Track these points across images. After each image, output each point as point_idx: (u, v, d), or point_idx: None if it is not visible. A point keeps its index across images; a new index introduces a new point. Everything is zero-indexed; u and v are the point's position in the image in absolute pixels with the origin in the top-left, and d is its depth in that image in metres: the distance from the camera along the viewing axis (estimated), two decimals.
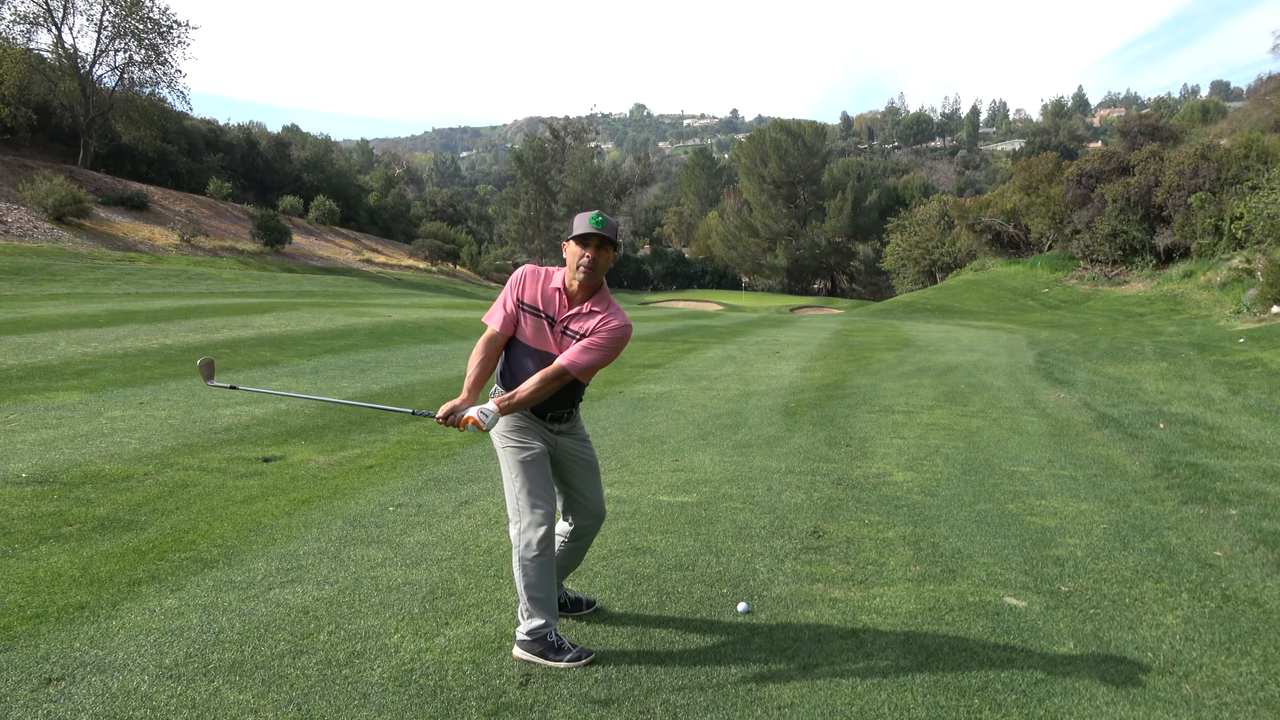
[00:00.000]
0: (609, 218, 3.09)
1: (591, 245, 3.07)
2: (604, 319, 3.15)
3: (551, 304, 3.17)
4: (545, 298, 3.18)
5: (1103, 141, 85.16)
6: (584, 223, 3.06)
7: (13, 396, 7.93)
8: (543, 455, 3.20)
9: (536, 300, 3.18)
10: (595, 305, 3.17)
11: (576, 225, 3.08)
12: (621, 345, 3.20)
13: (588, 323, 3.15)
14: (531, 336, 3.19)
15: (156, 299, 20.35)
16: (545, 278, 3.21)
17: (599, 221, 3.05)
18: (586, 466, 3.35)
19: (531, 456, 3.17)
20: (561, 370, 3.10)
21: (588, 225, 3.04)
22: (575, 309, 3.16)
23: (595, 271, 3.10)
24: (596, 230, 3.04)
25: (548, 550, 3.10)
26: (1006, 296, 36.51)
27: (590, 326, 3.15)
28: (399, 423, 7.40)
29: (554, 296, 3.17)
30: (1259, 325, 19.84)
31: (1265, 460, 6.50)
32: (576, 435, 3.36)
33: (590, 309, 3.16)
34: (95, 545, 4.19)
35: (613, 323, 3.15)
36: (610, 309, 3.18)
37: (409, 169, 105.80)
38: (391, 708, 2.78)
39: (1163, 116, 52.58)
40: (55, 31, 40.45)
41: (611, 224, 3.10)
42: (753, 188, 72.57)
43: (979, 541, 4.53)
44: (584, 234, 3.05)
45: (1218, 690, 2.99)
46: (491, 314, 3.24)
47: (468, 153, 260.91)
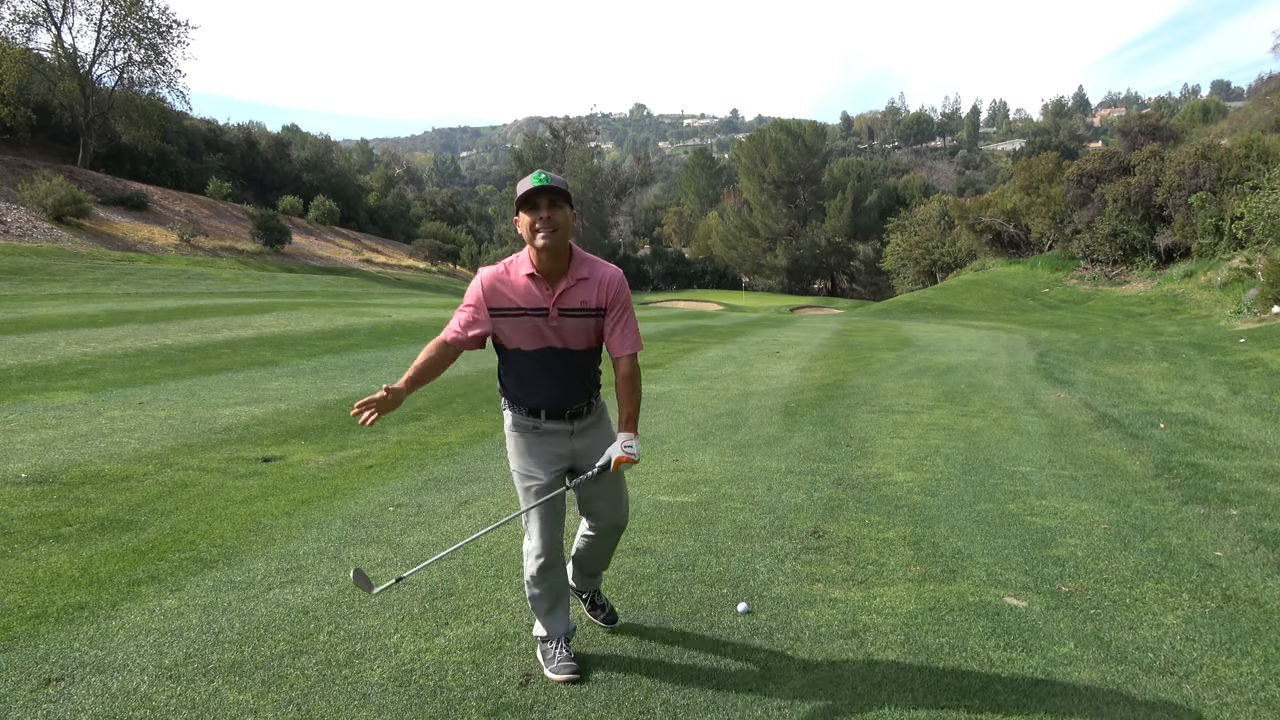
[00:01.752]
0: (553, 174, 2.72)
1: (543, 204, 2.71)
2: (601, 279, 2.87)
3: (532, 295, 2.82)
4: (521, 293, 2.83)
5: (1103, 141, 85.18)
6: (528, 183, 2.71)
7: (12, 396, 7.93)
8: (547, 487, 2.97)
9: (513, 300, 2.83)
10: (580, 271, 2.85)
11: (520, 189, 2.74)
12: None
13: (588, 292, 2.85)
14: (526, 337, 2.86)
15: (156, 299, 20.34)
16: (508, 271, 2.86)
17: (544, 179, 2.69)
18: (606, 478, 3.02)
19: (536, 488, 2.96)
20: (635, 360, 2.93)
21: (532, 184, 2.70)
22: (562, 286, 2.82)
23: (557, 231, 2.73)
24: (544, 185, 2.68)
25: (544, 584, 3.05)
26: (1007, 296, 36.50)
27: (595, 294, 2.86)
28: (399, 422, 7.40)
29: (530, 286, 2.82)
30: (1259, 325, 19.83)
31: (1266, 460, 6.49)
32: (602, 430, 3.06)
33: (577, 277, 2.84)
34: (95, 545, 4.19)
35: (612, 275, 2.89)
36: (595, 265, 2.89)
37: (409, 169, 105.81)
38: (391, 708, 2.77)
39: (1163, 116, 52.58)
40: (55, 31, 40.50)
41: (559, 180, 2.74)
42: (753, 188, 72.55)
43: (979, 541, 4.52)
44: (529, 194, 2.70)
45: (1218, 690, 2.98)
46: (451, 325, 2.90)
47: (468, 153, 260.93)
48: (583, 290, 2.85)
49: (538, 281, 2.81)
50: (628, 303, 2.93)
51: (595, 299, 2.86)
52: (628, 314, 2.92)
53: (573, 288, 2.84)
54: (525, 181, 2.73)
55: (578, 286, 2.84)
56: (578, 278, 2.84)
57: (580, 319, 2.85)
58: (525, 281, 2.83)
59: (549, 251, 2.75)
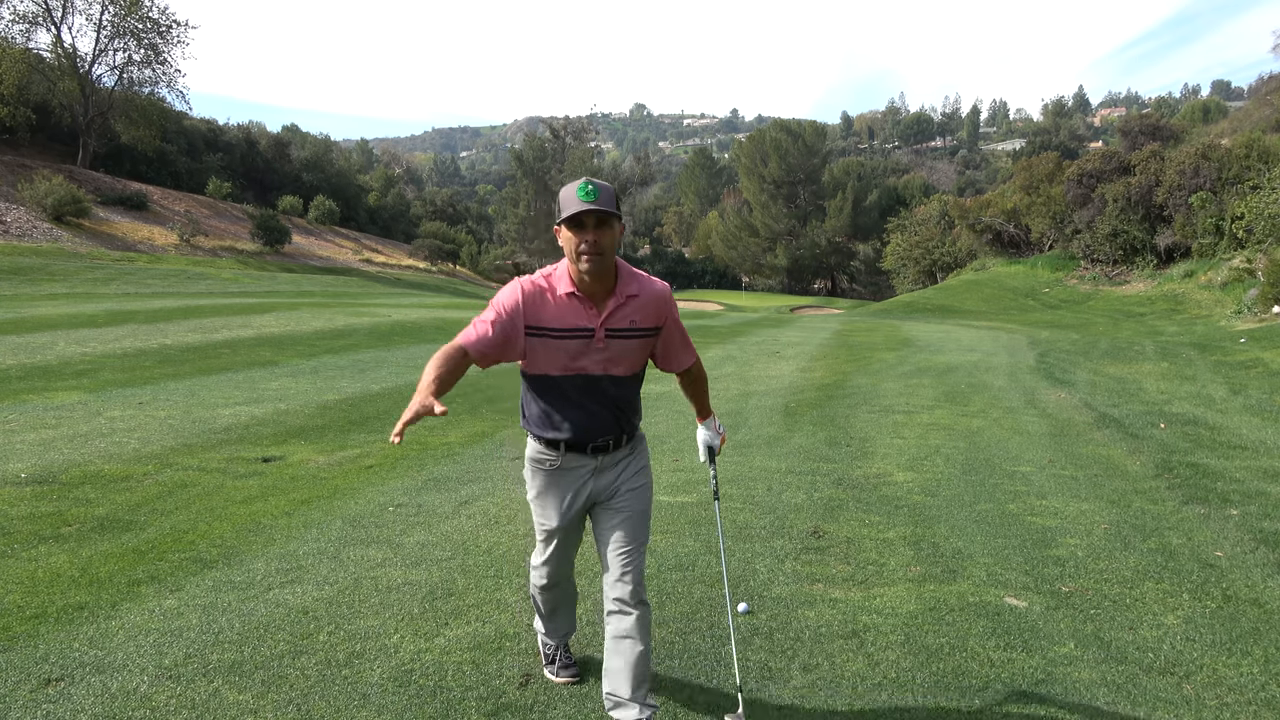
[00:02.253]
0: (602, 184, 2.43)
1: (590, 224, 2.42)
2: (652, 296, 2.61)
3: (578, 315, 2.52)
4: (563, 312, 2.51)
5: (1103, 141, 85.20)
6: (573, 198, 2.40)
7: (12, 396, 7.93)
8: (562, 531, 2.73)
9: (556, 320, 2.51)
10: (628, 288, 2.57)
11: (565, 203, 2.43)
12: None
13: (638, 311, 2.58)
14: (561, 360, 2.55)
15: (156, 299, 20.34)
16: (549, 287, 2.53)
17: (591, 193, 2.39)
18: (624, 518, 2.65)
19: (548, 531, 2.75)
20: (698, 361, 2.85)
21: (579, 201, 2.39)
22: (610, 305, 2.53)
23: (604, 256, 2.45)
24: (592, 205, 2.38)
25: (547, 594, 2.96)
26: (1007, 296, 36.49)
27: (645, 313, 2.60)
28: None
29: (573, 306, 2.51)
30: (1260, 325, 19.83)
31: (1266, 460, 6.49)
32: (635, 462, 2.73)
33: (627, 295, 2.56)
34: (95, 545, 4.19)
35: (661, 291, 2.64)
36: (643, 281, 2.61)
37: (409, 169, 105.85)
38: (391, 708, 2.77)
39: (1163, 116, 52.58)
40: (54, 31, 40.49)
41: (607, 191, 2.43)
42: (753, 188, 72.57)
43: (979, 541, 4.52)
44: (577, 214, 2.40)
45: (1218, 691, 2.98)
46: (472, 332, 2.50)
47: (468, 153, 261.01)
48: (632, 309, 2.58)
49: (582, 300, 2.52)
50: (678, 316, 2.75)
51: (645, 318, 2.60)
52: (680, 327, 2.75)
53: (622, 306, 2.56)
54: (570, 193, 2.41)
55: (627, 305, 2.56)
56: (627, 295, 2.56)
57: (629, 340, 2.58)
58: (567, 300, 2.52)
59: (594, 276, 2.48)
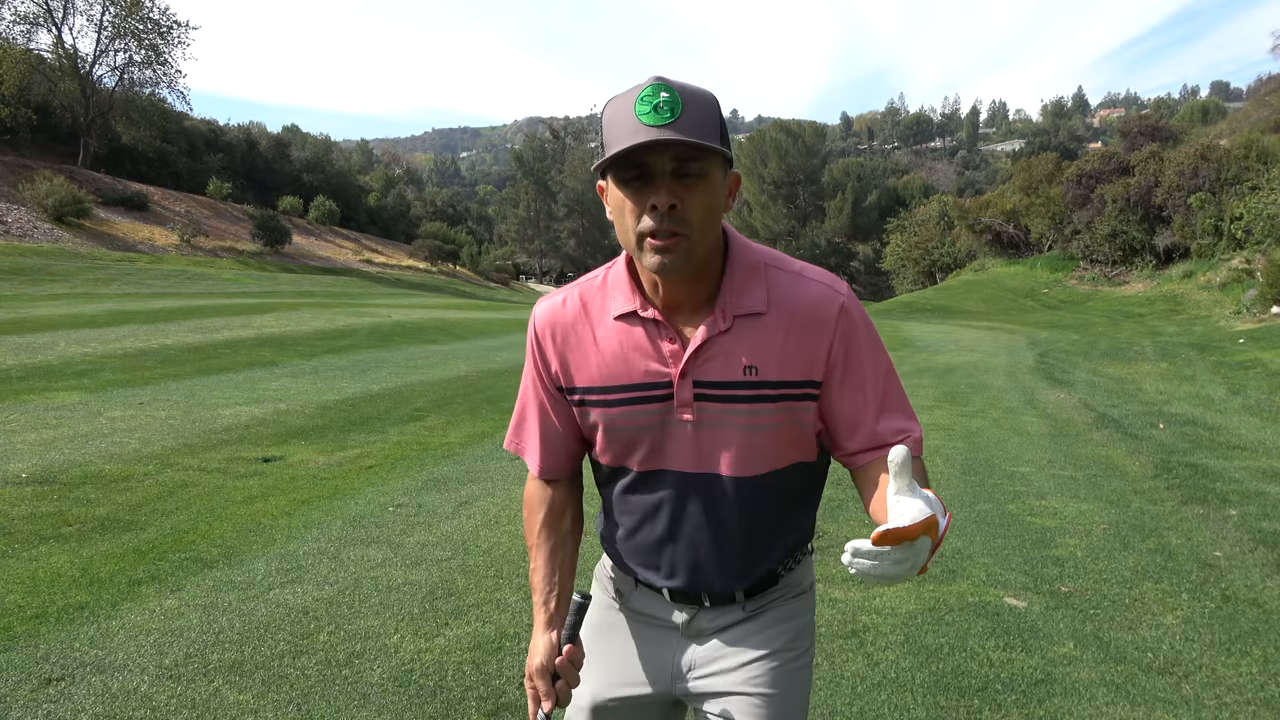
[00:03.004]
0: (686, 87, 1.15)
1: (662, 173, 1.14)
2: (796, 309, 1.26)
3: (643, 355, 1.28)
4: (620, 350, 1.29)
5: (1102, 142, 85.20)
6: (629, 119, 1.13)
7: (13, 396, 7.93)
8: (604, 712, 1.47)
9: (602, 369, 1.31)
10: (745, 294, 1.26)
11: (612, 130, 1.16)
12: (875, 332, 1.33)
13: (765, 341, 1.25)
14: (628, 444, 1.33)
15: (156, 299, 20.34)
16: (587, 307, 1.33)
17: (667, 108, 1.12)
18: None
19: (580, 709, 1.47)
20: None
21: (640, 125, 1.12)
22: (701, 333, 1.25)
23: (693, 239, 1.17)
24: (661, 130, 1.11)
25: None
26: (1006, 297, 36.50)
27: (780, 346, 1.25)
28: (399, 423, 7.40)
29: (634, 338, 1.28)
30: (1259, 325, 19.84)
31: (1265, 460, 6.50)
32: (768, 639, 1.40)
33: (739, 311, 1.25)
34: (95, 545, 4.19)
35: (821, 298, 1.27)
36: (781, 277, 1.28)
37: (409, 169, 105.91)
38: (391, 708, 2.78)
39: (1163, 117, 52.62)
40: (55, 32, 40.52)
41: (698, 102, 1.15)
42: (753, 188, 72.58)
43: (979, 541, 4.53)
44: (634, 149, 1.12)
45: (1218, 690, 2.98)
46: (522, 441, 1.46)
47: (468, 153, 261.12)
48: (750, 337, 1.25)
49: (653, 329, 1.28)
50: (876, 349, 1.31)
51: (778, 358, 1.25)
52: (864, 378, 1.29)
53: (726, 334, 1.25)
54: (623, 110, 1.15)
55: (740, 330, 1.25)
56: (741, 311, 1.26)
57: (747, 406, 1.26)
58: (623, 329, 1.29)
59: (675, 277, 1.21)
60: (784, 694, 1.38)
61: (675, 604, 1.42)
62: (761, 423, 1.27)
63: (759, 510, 1.34)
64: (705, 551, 1.36)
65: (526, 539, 1.47)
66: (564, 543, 1.43)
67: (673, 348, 1.26)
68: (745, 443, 1.28)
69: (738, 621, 1.41)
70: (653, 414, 1.29)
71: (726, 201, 1.22)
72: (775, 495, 1.33)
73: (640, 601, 1.46)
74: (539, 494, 1.45)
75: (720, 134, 1.17)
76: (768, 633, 1.40)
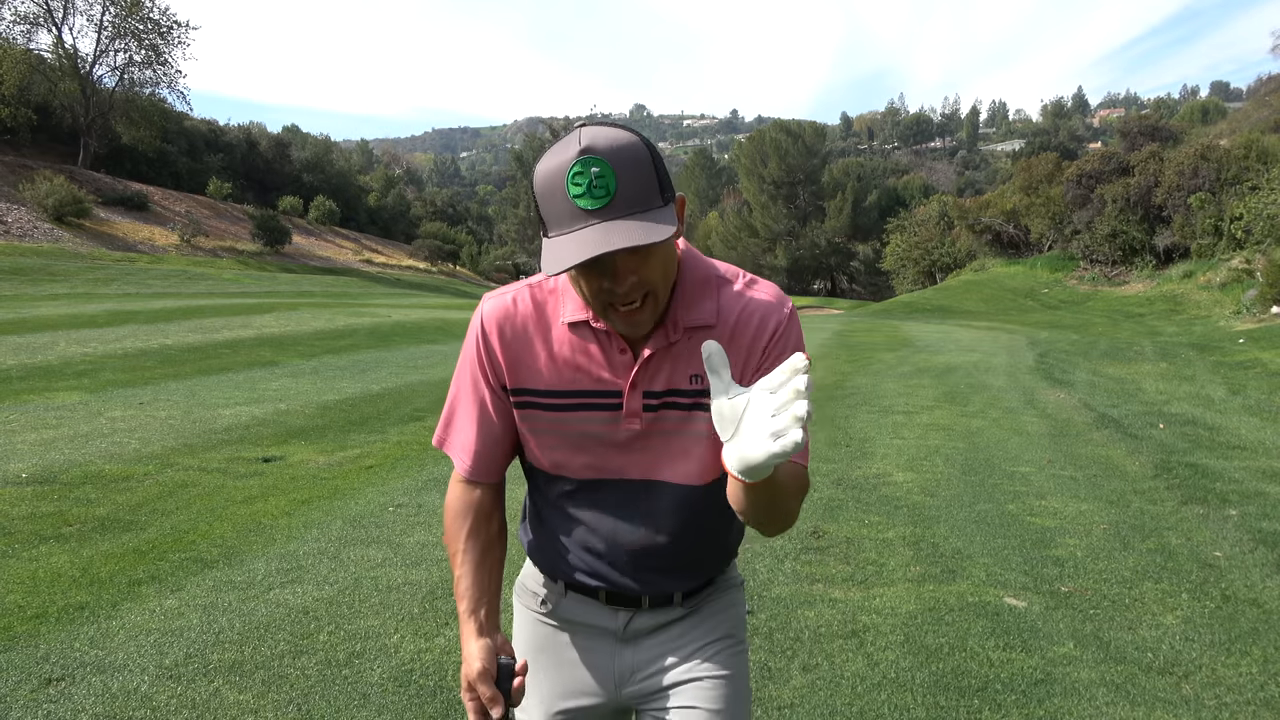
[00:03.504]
0: (615, 154, 1.09)
1: (612, 270, 1.15)
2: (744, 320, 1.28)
3: (593, 363, 1.28)
4: (565, 358, 1.29)
5: (1102, 142, 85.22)
6: (563, 198, 1.11)
7: (13, 396, 7.93)
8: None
9: (552, 374, 1.30)
10: (695, 309, 1.27)
11: (548, 209, 1.13)
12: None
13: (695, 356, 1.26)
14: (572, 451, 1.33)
15: (156, 299, 20.34)
16: (538, 307, 1.31)
17: (596, 194, 1.09)
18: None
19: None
20: (804, 472, 1.26)
21: (572, 204, 1.10)
22: (651, 345, 1.26)
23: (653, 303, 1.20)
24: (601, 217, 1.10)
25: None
26: (1006, 297, 36.49)
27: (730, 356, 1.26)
28: (399, 423, 7.40)
29: (585, 346, 1.28)
30: (1259, 325, 19.84)
31: (1265, 460, 6.50)
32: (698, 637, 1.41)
33: (690, 324, 1.27)
34: (95, 545, 4.19)
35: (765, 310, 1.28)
36: (729, 292, 1.30)
37: (409, 169, 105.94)
38: (391, 708, 2.78)
39: (1162, 117, 52.60)
40: (55, 32, 40.52)
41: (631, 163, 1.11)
42: (753, 188, 72.59)
43: (979, 542, 4.53)
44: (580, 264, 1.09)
45: (1217, 690, 2.98)
46: (453, 438, 1.39)
47: (468, 153, 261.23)
48: (697, 350, 1.25)
49: (605, 340, 1.28)
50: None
51: (745, 357, 1.28)
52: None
53: (676, 345, 1.27)
54: (554, 180, 1.12)
55: (687, 342, 1.27)
56: (691, 324, 1.27)
57: (692, 413, 1.28)
58: (575, 337, 1.28)
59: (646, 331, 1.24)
60: (735, 674, 1.40)
61: (612, 607, 1.41)
62: (706, 429, 1.27)
63: (703, 516, 1.35)
64: (647, 556, 1.36)
65: (449, 545, 1.41)
66: (491, 548, 1.40)
67: (623, 358, 1.27)
68: (689, 451, 1.30)
69: (676, 619, 1.42)
70: (601, 422, 1.29)
71: (678, 229, 1.16)
72: (718, 502, 1.29)
73: (571, 609, 1.44)
74: (465, 498, 1.40)
75: (659, 182, 1.14)
76: (708, 624, 1.43)
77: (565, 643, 1.45)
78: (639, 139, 1.14)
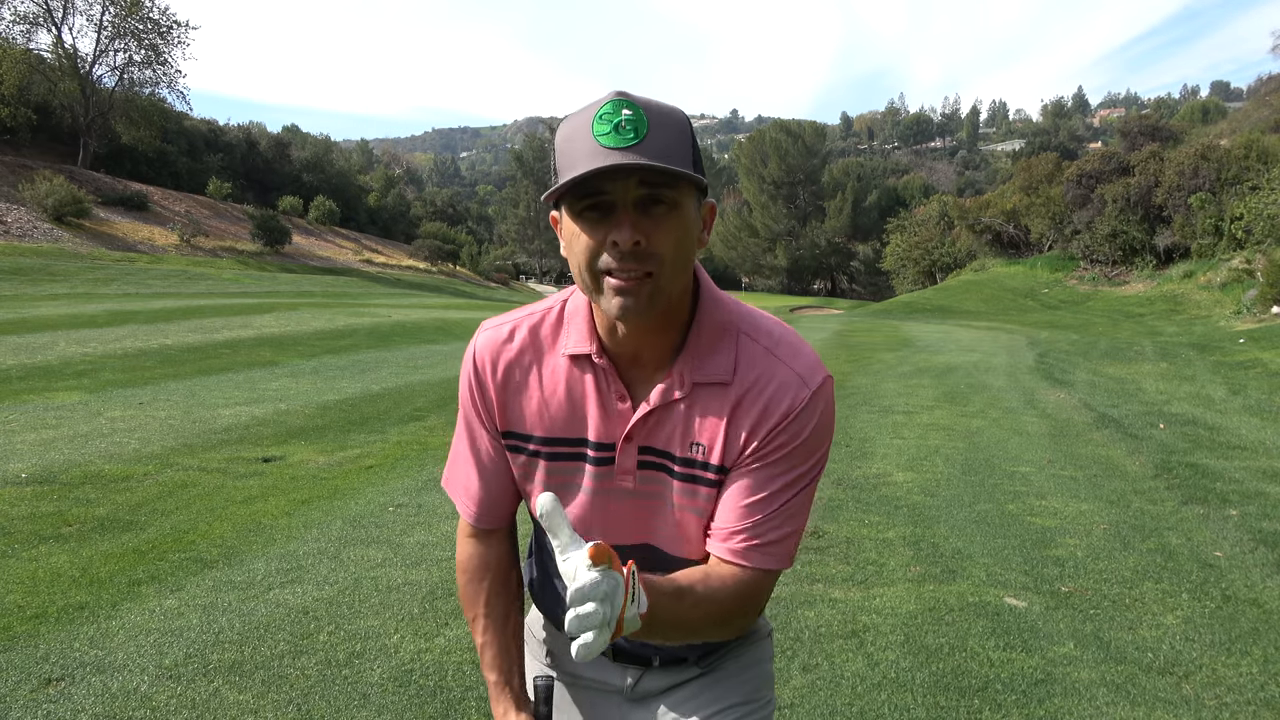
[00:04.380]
0: (651, 104, 0.99)
1: (624, 205, 0.98)
2: (766, 394, 1.10)
3: (591, 410, 1.14)
4: (560, 403, 1.16)
5: (1102, 142, 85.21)
6: (586, 139, 0.97)
7: (13, 396, 7.93)
8: None
9: (542, 419, 1.17)
10: (711, 360, 1.11)
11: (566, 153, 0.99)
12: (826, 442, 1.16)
13: (713, 423, 1.11)
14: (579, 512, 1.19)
15: (156, 299, 20.34)
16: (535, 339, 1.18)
17: (624, 133, 0.95)
18: None
19: None
20: (760, 579, 1.13)
21: (595, 143, 0.96)
22: (657, 396, 1.11)
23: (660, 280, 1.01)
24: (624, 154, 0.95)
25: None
26: (1006, 297, 36.49)
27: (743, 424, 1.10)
28: (399, 423, 7.40)
29: (582, 387, 1.14)
30: (1259, 325, 19.84)
31: (1265, 460, 6.50)
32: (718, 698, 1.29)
33: (699, 379, 1.11)
34: (95, 545, 4.19)
35: (792, 385, 1.11)
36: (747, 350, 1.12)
37: (409, 169, 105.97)
38: (391, 708, 2.78)
39: (1163, 117, 52.63)
40: (55, 32, 40.53)
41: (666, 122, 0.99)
42: (753, 188, 72.61)
43: (979, 542, 4.53)
44: (593, 175, 0.95)
45: (1218, 690, 2.98)
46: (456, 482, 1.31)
47: (468, 153, 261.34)
48: (704, 411, 1.12)
49: (603, 381, 1.14)
50: (802, 455, 1.12)
51: (727, 442, 1.11)
52: (789, 482, 1.12)
53: (680, 402, 1.12)
54: (579, 128, 0.99)
55: (695, 400, 1.12)
56: (702, 380, 1.12)
57: (687, 486, 1.14)
58: (572, 373, 1.16)
59: (637, 322, 1.06)
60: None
61: (619, 664, 1.29)
62: (699, 506, 1.14)
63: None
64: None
65: (467, 609, 1.28)
66: (512, 608, 1.26)
67: (622, 407, 1.12)
68: (681, 522, 1.16)
69: (690, 679, 1.28)
70: (591, 477, 1.16)
71: (701, 236, 1.06)
72: None
73: (576, 663, 1.22)
74: (478, 554, 1.28)
75: (693, 158, 1.02)
76: (724, 685, 1.28)
77: (568, 701, 1.34)
78: (681, 112, 1.03)
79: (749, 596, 1.12)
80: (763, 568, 1.11)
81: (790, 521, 1.13)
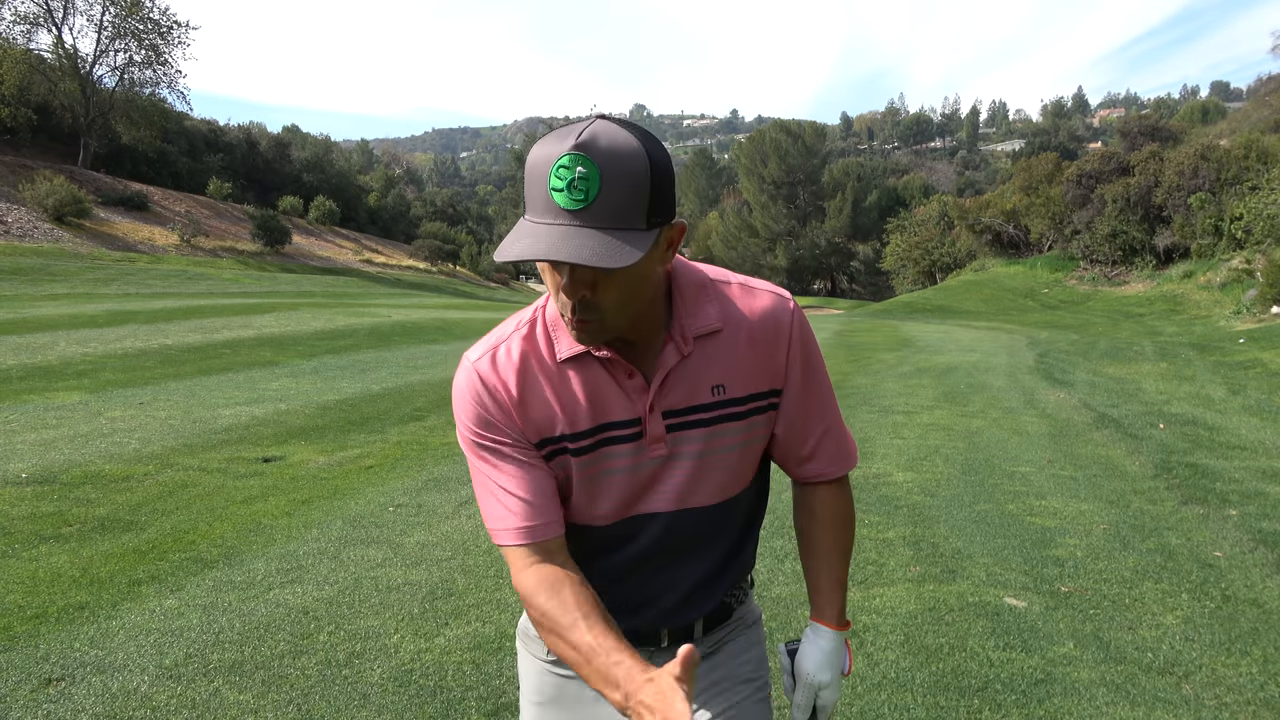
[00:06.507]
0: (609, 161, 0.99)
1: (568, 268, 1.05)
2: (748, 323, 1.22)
3: (605, 394, 1.20)
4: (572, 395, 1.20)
5: (1102, 142, 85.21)
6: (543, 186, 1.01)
7: (13, 396, 7.93)
8: None
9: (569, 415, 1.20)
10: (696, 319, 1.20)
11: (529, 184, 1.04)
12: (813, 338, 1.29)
13: (727, 361, 1.21)
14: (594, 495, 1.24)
15: (156, 299, 20.34)
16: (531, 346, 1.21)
17: (574, 194, 0.99)
18: None
19: None
20: (846, 486, 1.38)
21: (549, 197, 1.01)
22: (664, 366, 1.19)
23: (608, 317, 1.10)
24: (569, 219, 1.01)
25: None
26: (1006, 297, 36.49)
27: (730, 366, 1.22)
28: (399, 423, 7.40)
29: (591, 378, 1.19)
30: (1259, 325, 19.84)
31: (1265, 460, 6.50)
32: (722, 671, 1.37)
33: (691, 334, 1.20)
34: (95, 545, 4.19)
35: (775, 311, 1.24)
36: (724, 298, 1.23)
37: (409, 169, 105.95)
38: (391, 708, 2.78)
39: (1162, 117, 52.60)
40: (55, 32, 40.52)
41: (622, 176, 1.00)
42: (753, 188, 72.60)
43: (979, 541, 4.53)
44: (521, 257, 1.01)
45: (1217, 690, 2.98)
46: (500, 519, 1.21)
47: (468, 153, 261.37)
48: (712, 356, 1.21)
49: (610, 367, 1.19)
50: (816, 360, 1.28)
51: (743, 373, 1.22)
52: (819, 386, 1.29)
53: (690, 358, 1.20)
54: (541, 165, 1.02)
55: (701, 351, 1.20)
56: (699, 332, 1.20)
57: (717, 427, 1.23)
58: (577, 372, 1.20)
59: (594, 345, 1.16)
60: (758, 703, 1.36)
61: (659, 646, 1.35)
62: (730, 443, 1.24)
63: (718, 536, 1.31)
64: (662, 586, 1.30)
65: (555, 625, 1.14)
66: (600, 604, 1.17)
67: (634, 382, 1.18)
68: (715, 467, 1.25)
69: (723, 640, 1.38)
70: (626, 455, 1.21)
71: (665, 255, 1.11)
72: (734, 519, 1.31)
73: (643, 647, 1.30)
74: (548, 571, 1.19)
75: (650, 206, 1.02)
76: (731, 664, 1.36)
77: (575, 695, 1.36)
78: (645, 153, 1.02)
79: (850, 497, 1.38)
80: (847, 470, 1.36)
81: (840, 421, 1.35)
